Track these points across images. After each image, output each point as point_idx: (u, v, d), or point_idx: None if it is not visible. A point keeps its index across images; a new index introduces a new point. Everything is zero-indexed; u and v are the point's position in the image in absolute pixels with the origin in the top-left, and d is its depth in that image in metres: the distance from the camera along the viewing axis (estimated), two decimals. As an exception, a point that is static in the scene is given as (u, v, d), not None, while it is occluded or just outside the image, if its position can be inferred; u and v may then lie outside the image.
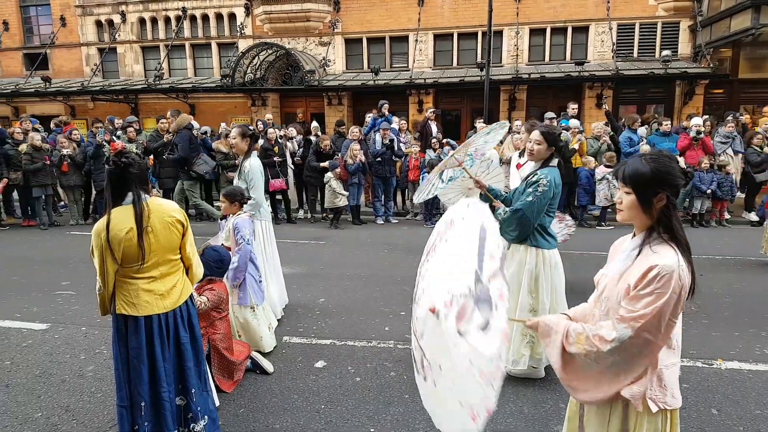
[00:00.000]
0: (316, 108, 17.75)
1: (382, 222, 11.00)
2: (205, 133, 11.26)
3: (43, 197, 10.68)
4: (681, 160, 9.69)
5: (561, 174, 3.97)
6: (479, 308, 1.92)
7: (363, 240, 9.37)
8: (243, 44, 17.37)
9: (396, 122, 11.78)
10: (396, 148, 10.98)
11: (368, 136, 11.20)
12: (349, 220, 11.02)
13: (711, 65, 14.44)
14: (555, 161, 3.94)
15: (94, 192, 11.23)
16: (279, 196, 11.02)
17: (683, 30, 15.52)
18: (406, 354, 4.56)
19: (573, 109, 11.60)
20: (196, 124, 11.46)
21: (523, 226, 3.82)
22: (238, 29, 17.81)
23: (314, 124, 12.56)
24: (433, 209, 10.75)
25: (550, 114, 11.65)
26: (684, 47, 15.58)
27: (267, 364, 4.27)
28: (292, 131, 11.79)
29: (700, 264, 7.41)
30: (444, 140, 11.14)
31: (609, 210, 10.45)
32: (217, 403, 3.53)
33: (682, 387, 3.92)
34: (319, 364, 4.39)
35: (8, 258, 8.19)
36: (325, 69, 16.95)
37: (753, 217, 10.38)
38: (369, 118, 11.71)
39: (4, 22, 19.49)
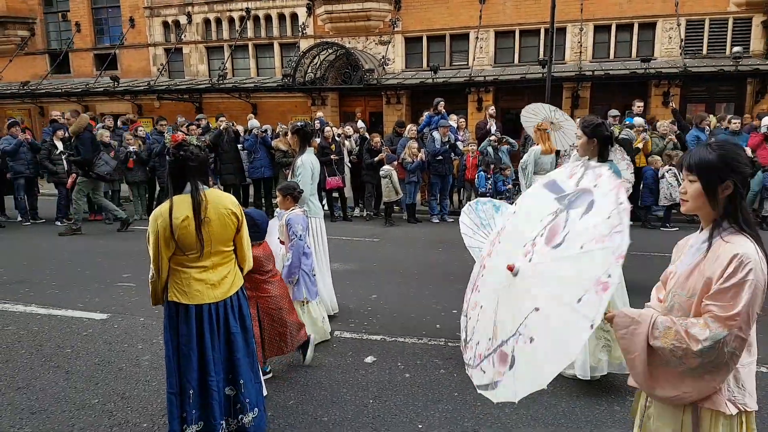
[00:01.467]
0: (374, 107, 17.92)
1: (438, 221, 11.00)
2: (265, 131, 11.59)
3: (110, 192, 11.24)
4: (748, 150, 9.21)
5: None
6: (575, 207, 1.96)
7: (417, 238, 9.43)
8: (304, 44, 17.73)
9: (454, 120, 11.75)
10: (455, 146, 10.95)
11: (425, 134, 11.22)
12: (405, 218, 11.09)
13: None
14: (615, 155, 3.86)
15: (158, 188, 11.74)
16: (336, 194, 11.22)
17: (756, 25, 14.71)
18: (456, 351, 4.58)
19: (639, 107, 11.25)
20: (256, 123, 11.80)
21: None
22: (300, 29, 18.18)
23: (360, 124, 12.71)
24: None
25: (613, 111, 11.34)
26: (756, 43, 14.76)
27: (309, 354, 4.28)
28: (349, 130, 11.97)
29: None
30: (503, 138, 11.03)
31: (675, 211, 10.07)
32: (266, 393, 3.65)
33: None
34: (369, 359, 4.48)
35: (73, 251, 8.70)
36: (384, 68, 17.08)
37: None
38: (425, 115, 11.74)
39: (76, 23, 20.54)
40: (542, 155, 8.08)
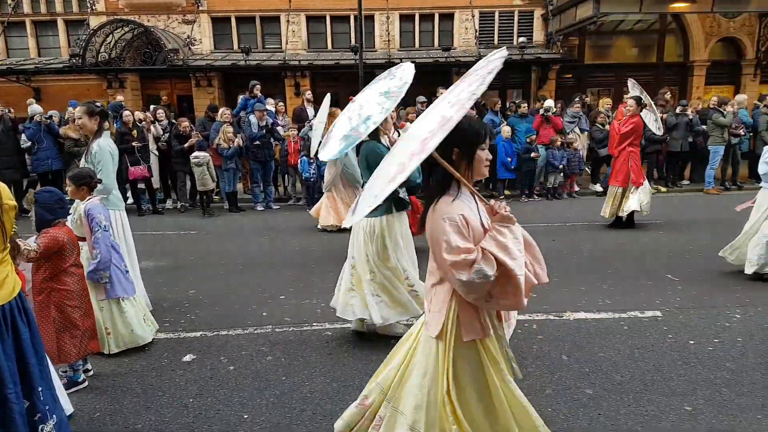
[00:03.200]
0: (182, 90, 16.79)
1: (263, 209, 10.67)
2: (50, 117, 10.18)
3: None
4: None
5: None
6: None
7: (240, 228, 9.06)
8: (95, 21, 15.91)
9: (272, 104, 11.47)
10: (274, 131, 10.68)
11: (242, 118, 10.79)
12: (226, 208, 10.58)
13: (561, 52, 15.64)
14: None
15: None
16: (142, 185, 10.30)
17: (537, 18, 16.61)
18: (284, 337, 4.47)
19: (441, 93, 12.00)
20: (38, 109, 10.32)
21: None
22: (89, 5, 16.29)
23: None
24: (315, 193, 10.62)
25: (421, 98, 12.00)
26: (538, 35, 16.69)
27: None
28: (160, 114, 11.00)
29: (552, 231, 8.10)
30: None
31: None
32: (71, 411, 3.21)
33: (536, 338, 4.31)
34: (188, 357, 4.16)
35: None
36: (190, 48, 16.07)
37: (598, 188, 11.53)
38: (240, 99, 11.28)
39: None
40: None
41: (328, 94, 8.90)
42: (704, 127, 11.40)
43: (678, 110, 11.43)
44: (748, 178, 11.92)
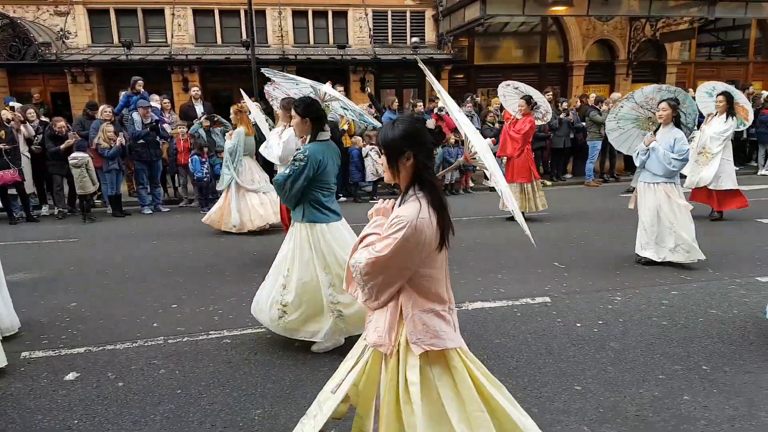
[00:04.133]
0: (57, 87, 15.44)
1: (150, 212, 10.06)
2: None
3: None
4: (431, 122, 10.62)
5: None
6: None
7: (126, 233, 8.48)
8: (-50, 10, 14.26)
9: (157, 101, 10.86)
10: (160, 129, 10.10)
11: (124, 116, 10.11)
12: (110, 212, 9.87)
13: (452, 52, 16.16)
14: (323, 136, 3.95)
15: None
16: (13, 191, 9.34)
17: (428, 19, 17.03)
18: (177, 348, 4.23)
19: (339, 91, 11.99)
20: None
21: (283, 196, 3.98)
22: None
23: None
24: (208, 194, 10.18)
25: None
26: (430, 35, 17.12)
27: None
28: (32, 114, 10.04)
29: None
30: (215, 118, 10.52)
31: (380, 184, 11.12)
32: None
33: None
34: (71, 376, 3.81)
35: None
36: (64, 42, 14.84)
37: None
38: (122, 95, 10.58)
39: None
40: (246, 137, 8.05)
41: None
42: (583, 124, 12.26)
43: (562, 115, 12.17)
44: (624, 170, 12.97)
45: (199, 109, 11.07)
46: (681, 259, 5.88)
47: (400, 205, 2.13)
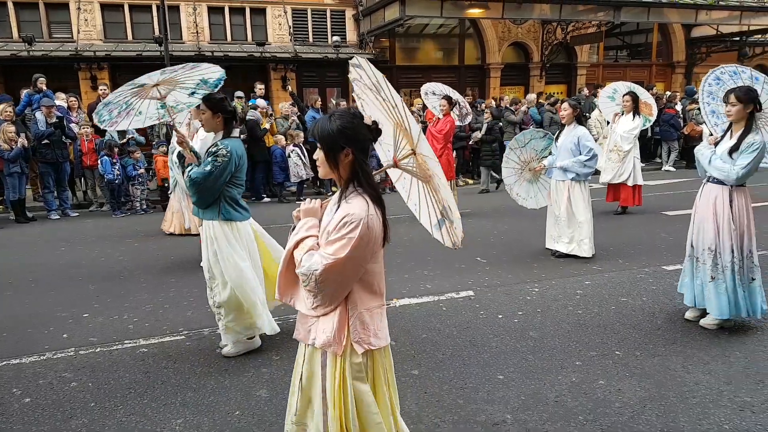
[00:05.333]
0: (-52, 85, 14.22)
1: (58, 217, 9.44)
2: None
3: None
4: (368, 118, 10.65)
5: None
6: None
7: (32, 239, 7.92)
8: None
9: (63, 99, 10.24)
10: (67, 128, 9.50)
11: (27, 115, 9.44)
12: (12, 218, 9.18)
13: (374, 52, 16.25)
14: (236, 132, 3.91)
15: None
16: None
17: (348, 18, 17.04)
18: (90, 360, 3.98)
19: (260, 89, 11.82)
20: None
21: (201, 194, 3.76)
22: None
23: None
24: (121, 197, 9.68)
25: (239, 93, 11.62)
26: (351, 34, 17.13)
27: None
28: None
29: (379, 226, 8.37)
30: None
31: (305, 185, 10.99)
32: None
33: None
34: (-31, 394, 3.51)
35: None
36: (-45, 36, 13.66)
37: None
38: (24, 94, 9.88)
39: None
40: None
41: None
42: (501, 124, 12.66)
43: (485, 120, 12.49)
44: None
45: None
46: (585, 253, 6.19)
47: (339, 203, 2.07)
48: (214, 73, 4.17)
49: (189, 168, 3.78)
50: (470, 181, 12.54)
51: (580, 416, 3.15)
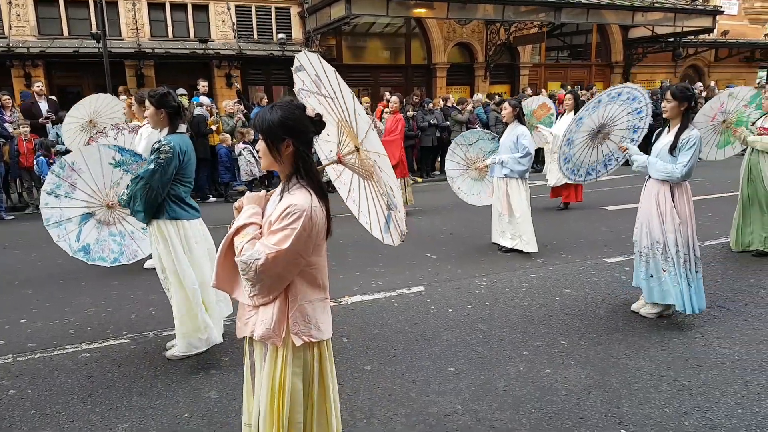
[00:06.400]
0: None
1: (-10, 220, 8.97)
2: None
3: None
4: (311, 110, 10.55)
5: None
6: None
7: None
8: None
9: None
10: (0, 128, 9.02)
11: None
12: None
13: (320, 50, 16.15)
14: (183, 128, 3.80)
15: None
16: None
17: (294, 16, 16.88)
18: (29, 366, 3.82)
19: (203, 86, 11.56)
20: None
21: (149, 197, 3.61)
22: None
23: None
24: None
25: (181, 90, 11.32)
26: (297, 32, 16.98)
27: None
28: None
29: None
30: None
31: (254, 184, 10.81)
32: None
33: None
34: None
35: None
36: None
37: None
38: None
39: None
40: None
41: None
42: (448, 123, 12.86)
43: (432, 120, 12.65)
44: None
45: (44, 106, 10.12)
46: (528, 249, 6.36)
47: (282, 194, 2.06)
48: None
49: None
50: (419, 180, 12.67)
51: (528, 404, 3.25)
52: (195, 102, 10.87)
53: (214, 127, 10.57)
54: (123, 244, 5.10)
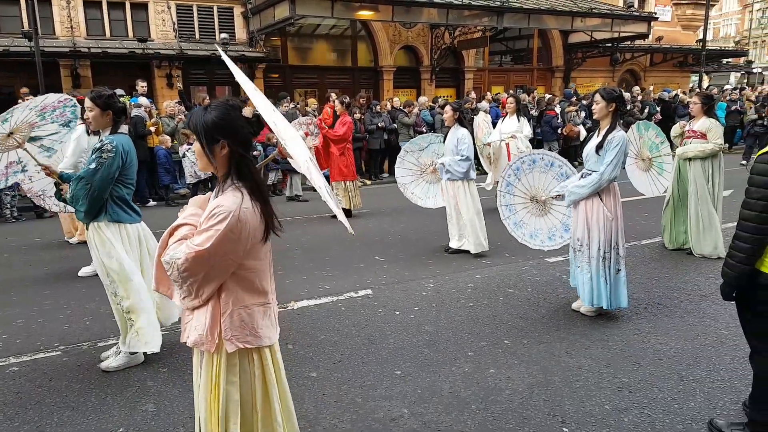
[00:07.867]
0: None
1: None
2: None
3: None
4: (248, 110, 10.28)
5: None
6: None
7: None
8: None
9: None
10: None
11: None
12: None
13: (264, 51, 15.92)
14: (125, 128, 3.69)
15: None
16: None
17: (237, 16, 16.55)
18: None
19: (142, 87, 11.22)
20: None
21: (92, 198, 3.47)
22: None
23: None
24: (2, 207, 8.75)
25: (119, 91, 10.90)
26: (240, 32, 16.66)
27: None
28: None
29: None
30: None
31: (201, 186, 10.51)
32: None
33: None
34: None
35: None
36: None
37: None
38: None
39: None
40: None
41: None
42: (395, 125, 12.91)
43: (380, 123, 12.65)
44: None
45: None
46: (473, 249, 6.45)
47: (216, 195, 2.01)
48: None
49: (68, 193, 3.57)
50: (368, 182, 12.66)
51: (473, 405, 3.27)
52: (133, 103, 10.51)
53: (153, 129, 10.25)
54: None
